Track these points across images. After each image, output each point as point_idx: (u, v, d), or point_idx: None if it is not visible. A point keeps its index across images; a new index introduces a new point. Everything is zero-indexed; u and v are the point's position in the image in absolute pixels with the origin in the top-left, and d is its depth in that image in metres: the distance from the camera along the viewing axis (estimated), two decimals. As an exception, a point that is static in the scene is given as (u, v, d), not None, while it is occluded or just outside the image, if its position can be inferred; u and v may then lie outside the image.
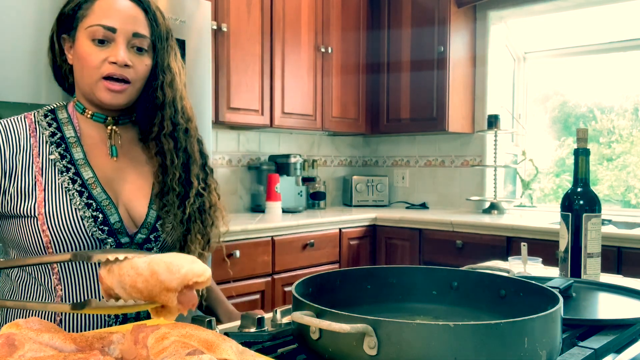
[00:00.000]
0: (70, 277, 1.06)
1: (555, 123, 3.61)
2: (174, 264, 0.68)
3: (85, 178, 1.08)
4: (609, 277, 1.45)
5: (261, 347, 0.81)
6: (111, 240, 1.07)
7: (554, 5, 3.25)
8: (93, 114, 1.13)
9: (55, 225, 1.03)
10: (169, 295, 0.68)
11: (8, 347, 0.57)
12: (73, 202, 1.05)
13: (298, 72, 3.15)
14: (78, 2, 1.08)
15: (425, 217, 3.08)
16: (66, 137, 1.11)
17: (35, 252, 1.05)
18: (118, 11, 1.06)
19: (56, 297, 1.06)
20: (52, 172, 1.06)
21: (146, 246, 1.12)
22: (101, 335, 0.64)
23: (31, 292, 1.07)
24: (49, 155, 1.08)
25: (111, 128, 1.14)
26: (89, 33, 1.06)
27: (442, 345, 0.63)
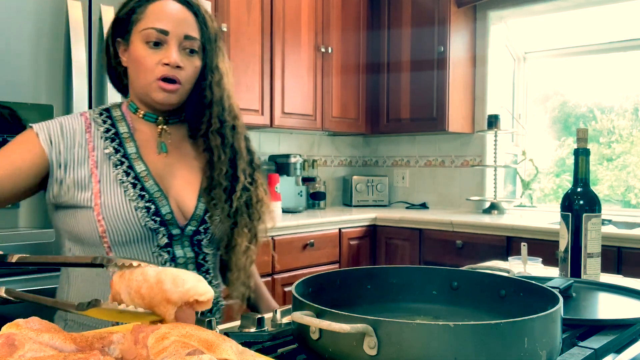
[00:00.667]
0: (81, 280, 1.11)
1: (555, 123, 3.61)
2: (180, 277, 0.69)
3: (138, 171, 1.13)
4: (609, 277, 1.45)
5: (261, 347, 0.81)
6: (163, 230, 1.12)
7: (554, 5, 3.25)
8: (145, 113, 1.19)
9: (111, 216, 1.08)
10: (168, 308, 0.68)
11: (8, 347, 0.57)
12: (127, 194, 1.10)
13: (298, 72, 3.15)
14: (132, 7, 1.14)
15: (425, 217, 3.08)
16: (120, 132, 1.16)
17: (91, 241, 1.09)
18: (170, 15, 1.12)
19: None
20: (107, 165, 1.12)
21: (196, 238, 1.16)
22: (101, 335, 0.64)
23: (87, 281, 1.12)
24: (104, 150, 1.13)
25: (161, 127, 1.20)
26: (143, 36, 1.11)
27: (442, 345, 0.63)
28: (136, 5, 1.13)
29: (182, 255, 1.15)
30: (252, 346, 0.81)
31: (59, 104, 1.81)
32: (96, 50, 1.89)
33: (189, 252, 1.16)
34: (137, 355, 0.62)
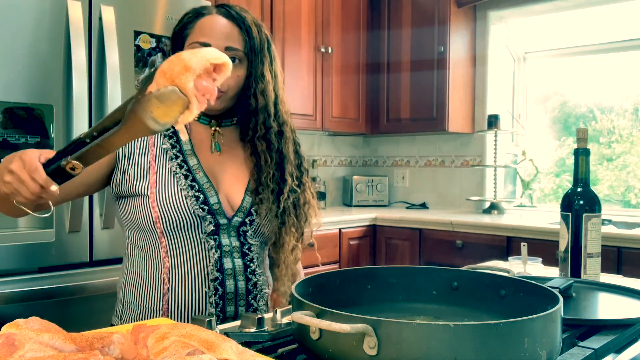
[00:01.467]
0: (176, 250, 1.20)
1: (555, 123, 3.61)
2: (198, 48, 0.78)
3: (191, 164, 1.23)
4: (609, 277, 1.45)
5: (261, 347, 0.81)
6: (210, 218, 1.21)
7: (554, 5, 3.25)
8: (200, 116, 1.28)
9: (163, 203, 1.18)
10: (187, 76, 0.73)
11: (8, 347, 0.57)
12: (179, 184, 1.20)
13: (298, 72, 3.15)
14: (184, 23, 1.24)
15: (425, 217, 3.08)
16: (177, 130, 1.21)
17: (146, 227, 1.19)
18: (213, 29, 1.21)
19: (164, 268, 1.20)
20: (164, 158, 1.22)
21: (242, 229, 1.25)
22: (101, 335, 0.64)
23: (142, 266, 1.23)
24: (162, 145, 1.24)
25: (214, 129, 1.28)
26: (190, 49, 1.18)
27: (442, 345, 0.63)
28: (187, 21, 1.24)
29: (228, 243, 1.22)
30: (252, 346, 0.81)
31: (59, 104, 1.81)
32: (96, 50, 1.89)
33: (234, 241, 1.23)
34: (137, 355, 0.62)
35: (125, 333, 0.66)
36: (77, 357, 0.56)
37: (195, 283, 1.19)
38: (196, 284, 1.19)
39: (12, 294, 1.69)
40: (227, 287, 1.20)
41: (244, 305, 1.23)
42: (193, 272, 1.20)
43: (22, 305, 1.70)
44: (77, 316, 1.82)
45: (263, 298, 1.27)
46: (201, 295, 1.19)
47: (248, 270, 1.24)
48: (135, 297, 1.23)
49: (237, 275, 1.22)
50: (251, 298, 1.24)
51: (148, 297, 1.21)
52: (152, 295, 1.20)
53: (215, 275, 1.19)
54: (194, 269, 1.19)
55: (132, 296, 1.23)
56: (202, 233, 1.20)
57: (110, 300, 1.43)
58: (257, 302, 1.25)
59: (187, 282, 1.19)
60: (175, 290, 1.19)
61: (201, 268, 1.20)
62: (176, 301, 1.19)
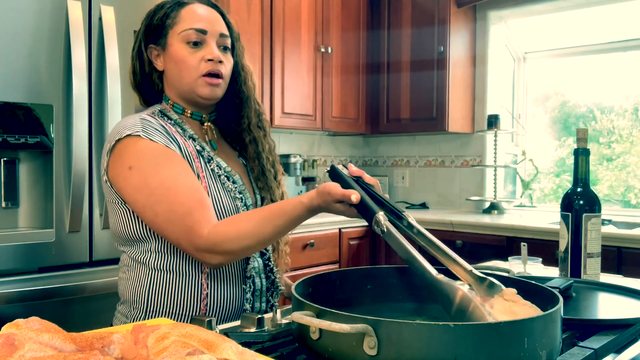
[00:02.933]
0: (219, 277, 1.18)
1: (555, 123, 3.61)
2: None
3: (224, 166, 1.22)
4: (609, 277, 1.45)
5: (261, 347, 0.81)
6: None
7: (554, 5, 3.25)
8: (192, 113, 1.25)
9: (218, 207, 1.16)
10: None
11: (8, 347, 0.57)
12: (225, 186, 1.20)
13: (298, 72, 3.15)
14: (165, 12, 1.21)
15: (425, 217, 3.08)
16: (191, 133, 1.23)
17: None
18: (204, 16, 1.20)
19: (203, 274, 1.16)
20: (201, 161, 1.19)
21: None
22: (101, 335, 0.64)
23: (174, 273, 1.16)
24: (196, 147, 1.20)
25: (207, 124, 1.26)
26: (183, 37, 1.19)
27: (442, 345, 0.63)
28: (169, 11, 1.20)
29: None
30: (252, 346, 0.81)
31: (59, 104, 1.81)
32: (96, 50, 1.89)
33: None
34: (137, 355, 0.62)
35: (125, 333, 0.66)
36: (77, 357, 0.56)
37: (233, 282, 1.20)
38: (234, 283, 1.20)
39: (12, 294, 1.69)
40: (256, 284, 1.23)
41: (265, 302, 1.25)
42: (232, 272, 1.20)
43: (22, 305, 1.70)
44: (77, 316, 1.82)
45: (278, 295, 1.30)
46: (239, 293, 1.20)
47: (267, 269, 1.26)
48: (164, 303, 1.16)
49: (260, 273, 1.24)
50: (269, 295, 1.26)
51: (183, 301, 1.16)
52: (188, 299, 1.16)
53: (251, 272, 1.21)
54: (232, 269, 1.20)
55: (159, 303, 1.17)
56: None
57: (110, 300, 1.43)
58: (273, 299, 1.28)
59: (226, 283, 1.18)
60: (215, 292, 1.17)
61: (238, 267, 1.21)
62: (216, 303, 1.17)
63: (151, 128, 1.14)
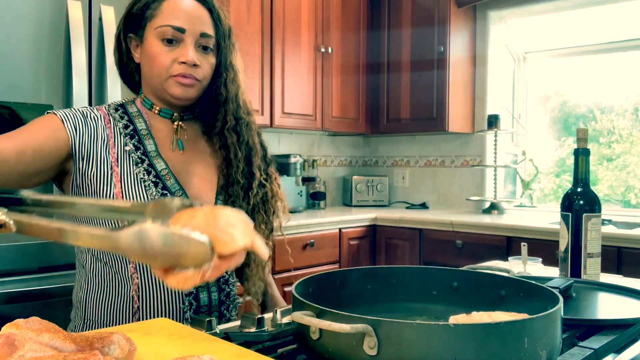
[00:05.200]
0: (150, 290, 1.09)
1: (555, 123, 3.61)
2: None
3: (159, 169, 1.12)
4: (609, 277, 1.45)
5: (261, 347, 0.81)
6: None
7: (554, 5, 3.25)
8: (160, 109, 1.18)
9: None
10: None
11: (8, 347, 0.57)
12: (149, 193, 1.09)
13: (298, 72, 3.15)
14: (146, 2, 1.12)
15: (425, 217, 3.08)
16: (138, 129, 1.15)
17: None
18: (186, 12, 1.10)
19: (133, 284, 1.09)
20: (128, 162, 1.10)
21: None
22: (101, 335, 0.64)
23: (107, 281, 1.10)
24: (124, 147, 1.11)
25: (177, 123, 1.18)
26: (158, 33, 1.10)
27: (442, 345, 0.63)
28: (150, 1, 1.12)
29: None
30: (252, 346, 0.81)
31: (59, 104, 1.81)
32: (96, 50, 1.89)
33: None
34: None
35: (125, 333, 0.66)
36: (77, 357, 0.56)
37: (168, 299, 1.10)
38: (170, 300, 1.10)
39: (12, 294, 1.69)
40: (201, 300, 1.13)
41: (216, 317, 1.14)
42: (165, 288, 1.09)
43: (22, 305, 1.70)
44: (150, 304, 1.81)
45: (235, 308, 1.21)
46: (176, 311, 1.10)
47: (221, 280, 1.17)
48: (99, 314, 1.11)
49: (210, 286, 1.14)
50: (224, 309, 1.17)
51: (115, 314, 1.09)
52: (119, 313, 1.09)
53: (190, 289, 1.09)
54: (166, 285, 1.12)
55: (94, 313, 1.11)
56: None
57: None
58: (229, 313, 1.19)
59: (159, 299, 1.09)
60: (147, 307, 1.09)
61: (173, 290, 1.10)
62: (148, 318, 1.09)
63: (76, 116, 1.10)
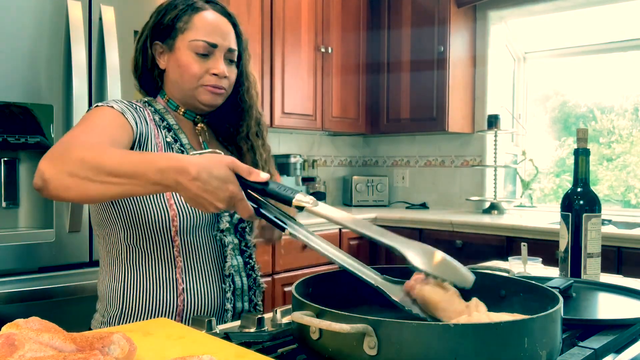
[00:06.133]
0: (190, 248, 1.16)
1: (555, 123, 3.61)
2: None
3: None
4: (609, 277, 1.45)
5: (261, 347, 0.81)
6: (226, 215, 1.20)
7: (554, 5, 3.25)
8: (185, 111, 1.25)
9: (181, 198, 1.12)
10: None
11: (8, 347, 0.57)
12: None
13: (298, 72, 3.15)
14: (176, 14, 1.19)
15: (425, 217, 3.08)
16: (170, 124, 1.22)
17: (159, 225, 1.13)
18: (217, 28, 1.20)
19: (177, 268, 1.16)
20: (171, 152, 1.17)
21: (240, 226, 1.25)
22: (101, 335, 0.64)
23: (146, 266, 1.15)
24: (165, 138, 1.18)
25: (201, 126, 1.27)
26: (192, 46, 1.18)
27: (442, 345, 0.63)
28: (182, 13, 1.19)
29: (231, 241, 1.22)
30: (252, 346, 0.81)
31: (59, 104, 1.81)
32: (96, 50, 1.89)
33: (235, 239, 1.24)
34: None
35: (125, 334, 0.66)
36: (77, 357, 0.56)
37: (211, 280, 1.19)
38: (213, 281, 1.19)
39: (12, 294, 1.69)
40: (236, 283, 1.22)
41: (247, 301, 1.24)
42: (208, 270, 1.18)
43: (22, 305, 1.70)
44: (77, 316, 1.82)
45: (261, 293, 1.29)
46: (218, 292, 1.19)
47: (248, 267, 1.26)
48: (139, 299, 1.15)
49: (241, 272, 1.24)
50: (252, 294, 1.26)
51: (158, 298, 1.15)
52: (163, 295, 1.15)
53: (230, 271, 1.20)
54: (209, 267, 1.19)
55: (134, 299, 1.15)
56: (216, 230, 1.19)
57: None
58: (256, 298, 1.27)
59: (203, 280, 1.18)
60: (191, 288, 1.16)
61: (216, 265, 1.20)
62: (193, 299, 1.16)
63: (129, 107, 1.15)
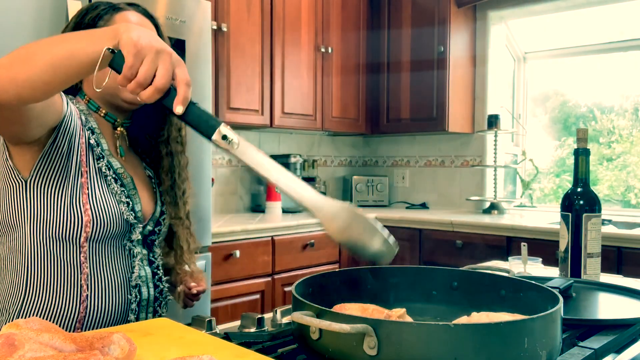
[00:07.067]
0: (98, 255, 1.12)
1: (555, 123, 3.61)
2: None
3: (115, 167, 1.17)
4: (609, 277, 1.45)
5: (261, 347, 0.81)
6: (138, 225, 1.18)
7: (554, 5, 3.25)
8: (106, 113, 1.21)
9: (98, 207, 1.10)
10: None
11: (8, 347, 0.57)
12: (110, 188, 1.14)
13: (298, 72, 3.15)
14: (98, 13, 1.17)
15: (425, 217, 3.08)
16: (92, 127, 1.18)
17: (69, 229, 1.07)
18: (140, 24, 1.17)
19: (82, 274, 1.11)
20: (92, 155, 1.14)
21: (150, 238, 1.22)
22: (101, 335, 0.64)
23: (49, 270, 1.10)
24: (89, 140, 1.14)
25: (121, 130, 1.23)
26: None
27: (442, 345, 0.63)
28: (103, 13, 1.17)
29: (140, 251, 1.19)
30: (252, 346, 0.81)
31: (59, 104, 1.81)
32: (96, 50, 1.89)
33: (143, 250, 1.21)
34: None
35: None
36: (77, 357, 0.56)
37: (117, 289, 1.14)
38: (119, 291, 1.15)
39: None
40: (143, 293, 1.19)
41: (152, 312, 1.21)
42: (114, 279, 1.14)
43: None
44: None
45: (167, 305, 1.27)
46: (124, 302, 1.15)
47: (156, 278, 1.23)
48: (41, 298, 1.10)
49: (147, 282, 1.20)
50: (157, 305, 1.23)
51: (61, 300, 1.10)
52: (65, 299, 1.10)
53: (137, 281, 1.17)
54: (115, 276, 1.14)
55: (36, 296, 1.10)
56: (126, 240, 1.16)
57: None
58: (161, 309, 1.24)
59: (108, 289, 1.13)
60: (95, 296, 1.12)
61: (123, 275, 1.16)
62: (96, 308, 1.12)
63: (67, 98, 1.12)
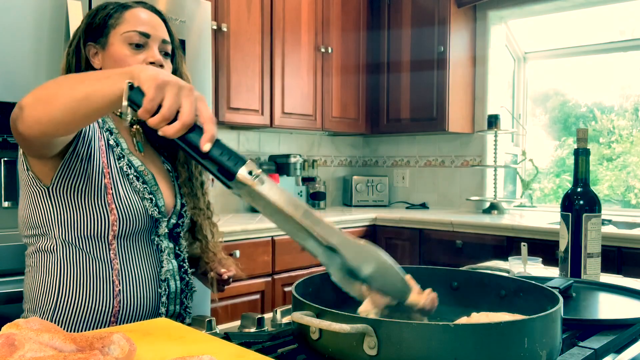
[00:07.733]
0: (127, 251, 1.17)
1: (555, 123, 3.61)
2: None
3: (136, 165, 1.20)
4: (609, 277, 1.45)
5: (261, 347, 0.81)
6: (163, 219, 1.21)
7: (554, 5, 3.25)
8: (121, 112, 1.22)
9: (123, 205, 1.14)
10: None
11: (8, 347, 0.57)
12: (133, 186, 1.17)
13: (298, 72, 3.15)
14: (108, 12, 1.20)
15: (425, 217, 3.08)
16: (111, 127, 1.22)
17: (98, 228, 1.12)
18: (148, 20, 1.21)
19: (113, 270, 1.15)
20: (112, 156, 1.17)
21: (175, 231, 1.27)
22: (101, 335, 0.64)
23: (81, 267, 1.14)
24: (108, 141, 1.18)
25: (137, 127, 1.26)
26: (125, 38, 1.18)
27: (442, 345, 0.63)
28: (112, 12, 1.20)
29: (166, 245, 1.23)
30: (252, 346, 0.81)
31: (59, 104, 1.81)
32: (96, 50, 1.89)
33: (170, 244, 1.25)
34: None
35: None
36: (77, 357, 0.56)
37: (148, 284, 1.19)
38: (149, 285, 1.19)
39: (12, 294, 1.69)
40: (171, 287, 1.23)
41: (179, 304, 1.26)
42: (144, 274, 1.19)
43: (23, 305, 1.70)
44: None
45: (192, 297, 1.30)
46: (154, 295, 1.20)
47: (182, 270, 1.27)
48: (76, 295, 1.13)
49: (174, 275, 1.24)
50: (184, 297, 1.27)
51: (96, 297, 1.14)
52: (100, 295, 1.14)
53: (166, 275, 1.21)
54: (145, 271, 1.19)
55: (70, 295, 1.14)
56: (154, 235, 1.21)
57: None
58: (187, 301, 1.28)
59: (139, 283, 1.18)
60: (128, 291, 1.16)
61: (153, 269, 1.20)
62: (129, 302, 1.16)
63: None
